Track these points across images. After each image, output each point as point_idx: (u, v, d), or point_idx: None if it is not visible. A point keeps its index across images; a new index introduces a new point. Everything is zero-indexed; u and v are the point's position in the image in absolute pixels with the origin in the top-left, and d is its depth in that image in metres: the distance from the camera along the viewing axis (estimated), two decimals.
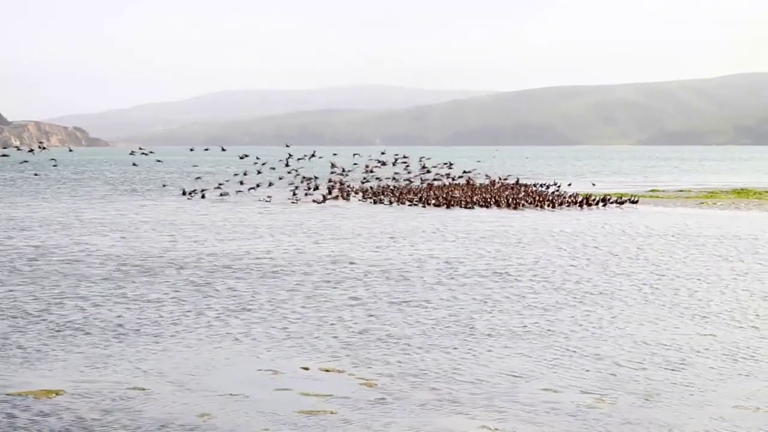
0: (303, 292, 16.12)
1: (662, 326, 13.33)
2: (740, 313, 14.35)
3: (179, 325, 13.35)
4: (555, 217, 32.39)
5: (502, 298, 15.57)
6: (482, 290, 16.41)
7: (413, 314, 14.15)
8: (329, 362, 11.20)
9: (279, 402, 9.54)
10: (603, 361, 11.29)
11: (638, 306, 14.91)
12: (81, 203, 40.20)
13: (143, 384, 10.17)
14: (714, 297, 15.74)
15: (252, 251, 21.92)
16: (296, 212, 34.26)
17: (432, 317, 13.93)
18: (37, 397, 9.65)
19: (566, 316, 14.01)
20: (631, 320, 13.75)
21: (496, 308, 14.67)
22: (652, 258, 20.85)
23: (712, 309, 14.64)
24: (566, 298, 15.65)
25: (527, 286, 16.91)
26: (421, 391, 9.93)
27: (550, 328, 13.16)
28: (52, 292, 16.02)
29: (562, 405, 9.46)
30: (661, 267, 19.40)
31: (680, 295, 15.90)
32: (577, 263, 19.94)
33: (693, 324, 13.50)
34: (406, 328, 13.13)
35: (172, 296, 15.70)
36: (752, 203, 40.15)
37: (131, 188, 51.94)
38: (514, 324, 13.46)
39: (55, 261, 20.05)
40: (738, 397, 9.81)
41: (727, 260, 20.48)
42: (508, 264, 19.77)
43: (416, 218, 31.63)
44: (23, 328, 13.09)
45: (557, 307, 14.75)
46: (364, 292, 16.11)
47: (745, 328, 13.26)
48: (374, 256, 21.00)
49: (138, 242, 23.91)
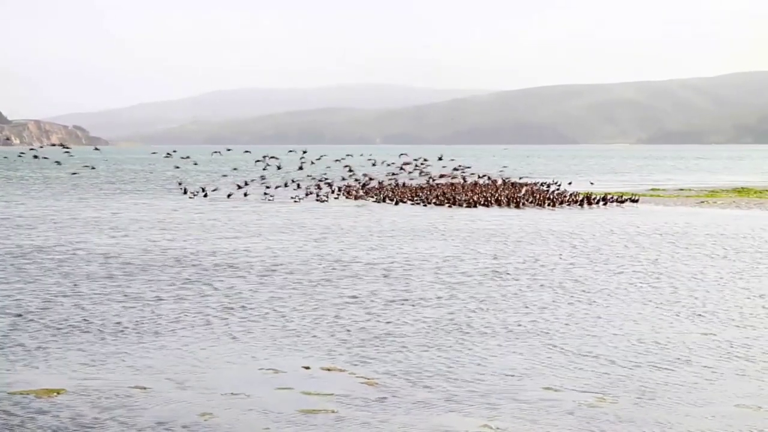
0: (303, 291, 16.12)
1: (662, 325, 13.33)
2: (739, 311, 14.36)
3: (180, 323, 13.35)
4: (555, 216, 32.39)
5: (501, 297, 15.57)
6: (481, 289, 16.41)
7: (413, 313, 14.16)
8: (329, 361, 11.20)
9: (280, 401, 9.55)
10: (603, 360, 11.29)
11: (638, 304, 14.91)
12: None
13: (144, 383, 10.17)
14: (713, 296, 15.74)
15: (253, 249, 21.92)
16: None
17: (431, 316, 13.93)
18: (39, 396, 9.66)
19: (566, 315, 14.01)
20: (631, 319, 13.75)
21: (495, 307, 14.67)
22: (652, 257, 20.85)
23: (711, 308, 14.63)
24: (565, 296, 15.65)
25: (526, 284, 16.91)
26: (421, 390, 9.94)
27: (549, 327, 13.17)
28: (53, 291, 16.00)
29: (563, 404, 9.47)
30: (661, 266, 19.40)
31: (679, 294, 15.90)
32: (576, 262, 19.93)
33: (692, 323, 13.50)
34: (405, 327, 13.13)
35: (172, 295, 15.69)
36: (753, 202, 40.16)
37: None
38: (513, 322, 13.46)
39: (57, 258, 20.05)
40: (739, 396, 9.82)
41: (726, 259, 20.47)
42: (507, 263, 19.77)
43: (417, 216, 31.62)
44: (24, 326, 13.09)
45: (557, 306, 14.76)
46: (363, 291, 16.11)
47: (745, 327, 13.26)
48: (374, 255, 20.99)
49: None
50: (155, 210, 35.31)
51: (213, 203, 38.95)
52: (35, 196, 45.03)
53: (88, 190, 49.83)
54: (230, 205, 37.39)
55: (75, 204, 38.82)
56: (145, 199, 42.24)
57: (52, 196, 44.23)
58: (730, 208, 37.11)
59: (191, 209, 35.51)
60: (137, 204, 38.95)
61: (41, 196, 44.34)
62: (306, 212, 33.76)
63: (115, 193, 47.36)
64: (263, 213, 33.47)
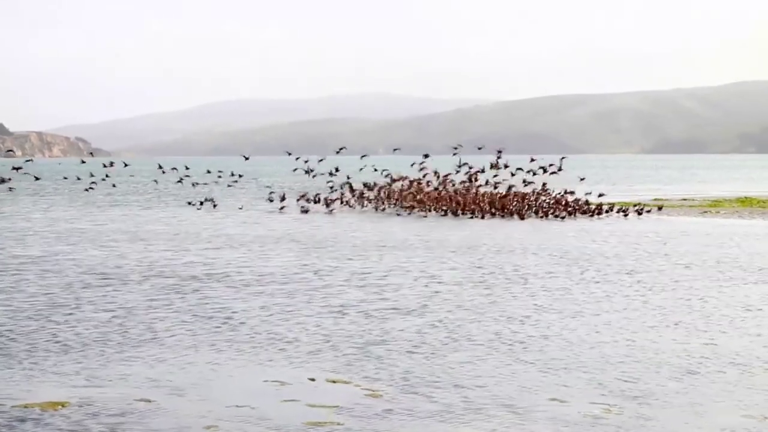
0: (307, 302, 16.10)
1: (666, 335, 13.29)
2: (744, 321, 14.32)
3: (182, 335, 13.33)
4: (560, 227, 32.39)
5: (506, 307, 15.54)
6: (486, 299, 16.38)
7: (417, 324, 14.12)
8: (335, 373, 11.18)
9: (286, 413, 9.53)
10: (608, 371, 11.25)
11: (643, 315, 14.87)
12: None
13: (148, 395, 10.15)
14: (717, 305, 15.70)
15: (259, 262, 21.93)
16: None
17: (436, 327, 13.90)
18: (43, 409, 9.64)
19: (572, 325, 13.98)
20: (637, 329, 13.71)
21: (500, 317, 14.64)
22: (655, 266, 20.82)
23: (716, 317, 14.60)
24: (571, 306, 15.62)
25: (531, 294, 16.89)
26: (427, 402, 9.92)
27: (555, 337, 13.13)
28: (54, 301, 16.00)
29: (569, 415, 9.44)
30: (666, 276, 19.36)
31: (683, 303, 15.86)
32: (581, 271, 19.89)
33: (696, 333, 13.45)
34: (409, 338, 13.10)
35: (174, 306, 15.68)
36: (756, 212, 40.12)
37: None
38: (518, 333, 13.43)
39: (56, 269, 20.05)
40: (746, 406, 9.79)
41: (730, 268, 20.43)
42: (513, 272, 19.74)
43: (419, 226, 31.63)
44: (25, 338, 13.07)
45: (563, 316, 14.72)
46: (366, 301, 16.08)
47: (751, 336, 13.22)
48: (379, 266, 20.98)
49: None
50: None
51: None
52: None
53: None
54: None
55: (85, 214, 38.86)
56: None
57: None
58: (733, 217, 37.09)
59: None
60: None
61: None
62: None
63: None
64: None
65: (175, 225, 33.27)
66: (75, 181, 59.21)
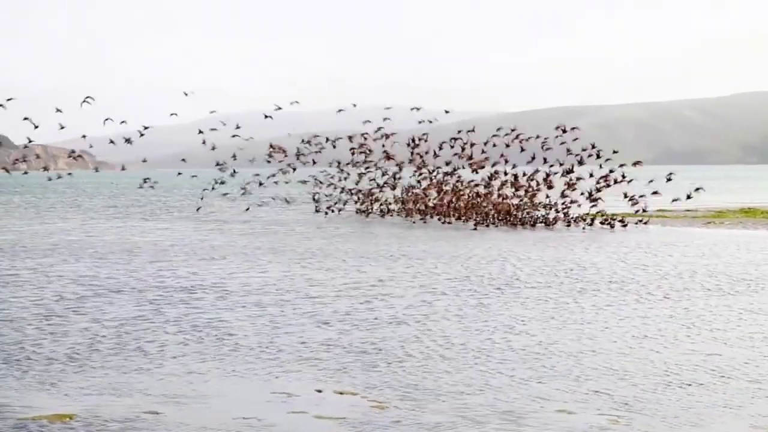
0: (311, 313, 16.09)
1: (672, 346, 13.28)
2: (753, 333, 14.31)
3: (188, 346, 13.33)
4: (558, 239, 32.40)
5: (512, 317, 15.53)
6: (492, 309, 16.37)
7: (422, 334, 14.12)
8: (341, 385, 11.18)
9: (294, 425, 9.53)
10: (615, 382, 11.25)
11: (651, 327, 14.86)
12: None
13: (156, 407, 10.15)
14: (724, 316, 15.70)
15: (262, 273, 21.93)
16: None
17: (440, 336, 13.90)
18: (51, 422, 9.64)
19: (578, 336, 13.97)
20: (645, 341, 13.71)
21: (506, 327, 14.63)
22: (663, 277, 20.81)
23: (724, 329, 14.59)
24: (578, 317, 15.61)
25: (536, 302, 16.88)
26: (433, 413, 9.91)
27: (562, 348, 13.13)
28: (58, 314, 16.00)
29: (577, 426, 9.44)
30: (670, 287, 19.36)
31: (692, 315, 15.86)
32: (587, 281, 19.89)
33: (703, 343, 13.45)
34: (414, 348, 13.10)
35: (178, 317, 15.67)
36: (759, 222, 40.12)
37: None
38: (525, 343, 13.42)
39: (67, 282, 20.05)
40: (753, 417, 9.78)
41: (736, 280, 20.43)
42: (515, 280, 19.73)
43: (419, 234, 31.64)
44: (32, 350, 13.07)
45: (568, 327, 14.71)
46: (380, 313, 16.09)
47: (761, 348, 13.22)
48: (383, 274, 20.97)
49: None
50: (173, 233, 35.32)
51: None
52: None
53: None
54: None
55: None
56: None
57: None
58: (737, 228, 37.09)
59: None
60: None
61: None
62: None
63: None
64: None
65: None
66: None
